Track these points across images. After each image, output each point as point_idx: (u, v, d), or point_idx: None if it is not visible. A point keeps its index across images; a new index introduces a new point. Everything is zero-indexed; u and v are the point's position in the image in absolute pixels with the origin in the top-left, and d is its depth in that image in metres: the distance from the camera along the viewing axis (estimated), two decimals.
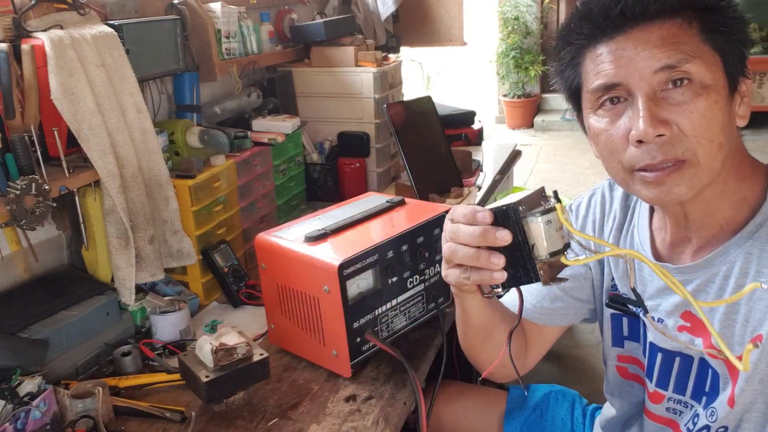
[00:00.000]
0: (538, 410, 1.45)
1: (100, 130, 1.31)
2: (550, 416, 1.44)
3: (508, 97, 6.98)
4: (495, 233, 0.83)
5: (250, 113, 2.02)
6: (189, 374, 1.17)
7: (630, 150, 0.88)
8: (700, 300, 0.95)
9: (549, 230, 0.82)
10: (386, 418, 1.14)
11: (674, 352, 1.05)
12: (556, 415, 1.44)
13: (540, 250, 0.83)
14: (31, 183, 1.19)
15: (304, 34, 2.28)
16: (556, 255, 0.83)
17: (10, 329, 1.22)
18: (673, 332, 1.02)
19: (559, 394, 1.47)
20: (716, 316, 0.95)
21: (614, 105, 0.90)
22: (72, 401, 1.12)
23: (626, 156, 0.89)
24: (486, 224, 0.84)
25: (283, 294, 1.29)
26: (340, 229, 1.30)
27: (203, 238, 1.60)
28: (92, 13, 1.40)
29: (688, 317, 1.01)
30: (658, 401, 1.11)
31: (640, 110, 0.85)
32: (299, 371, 1.30)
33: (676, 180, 0.87)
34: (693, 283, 0.97)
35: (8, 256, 1.29)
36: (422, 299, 1.35)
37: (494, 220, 0.84)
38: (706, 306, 0.93)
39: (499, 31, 6.91)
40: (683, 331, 1.02)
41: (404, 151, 1.97)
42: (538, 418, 1.44)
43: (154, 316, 1.40)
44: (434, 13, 3.12)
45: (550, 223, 0.82)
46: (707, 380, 1.02)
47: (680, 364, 1.05)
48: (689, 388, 1.06)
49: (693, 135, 0.85)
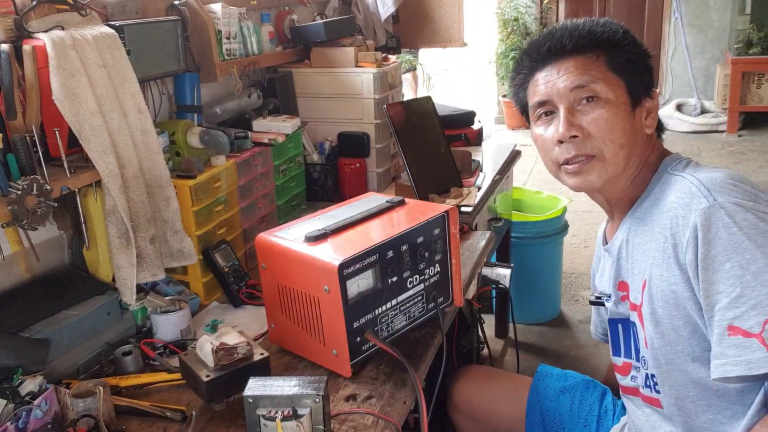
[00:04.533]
0: (566, 394, 1.50)
1: (101, 130, 1.31)
2: (577, 400, 1.49)
3: (508, 98, 6.97)
4: None
5: (251, 114, 2.02)
6: (190, 374, 1.18)
7: (555, 149, 1.19)
8: (621, 268, 1.23)
9: None
10: (386, 418, 1.14)
11: (616, 320, 1.28)
12: (584, 400, 1.49)
13: None
14: (33, 183, 1.19)
15: (305, 34, 2.28)
16: None
17: (12, 329, 1.23)
18: (619, 303, 1.26)
19: (591, 384, 1.53)
20: (628, 275, 1.21)
21: (547, 117, 1.21)
22: (73, 401, 1.12)
23: (553, 154, 1.20)
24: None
25: (284, 294, 1.30)
26: (340, 229, 1.30)
27: (204, 238, 1.61)
28: (93, 14, 1.40)
29: (622, 286, 1.24)
30: (619, 371, 1.31)
31: (560, 119, 1.16)
32: (299, 371, 1.30)
33: (588, 170, 1.16)
34: (614, 255, 1.25)
35: (9, 256, 1.29)
36: (422, 299, 1.35)
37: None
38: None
39: (499, 31, 6.92)
40: (624, 301, 1.24)
41: (404, 152, 1.97)
42: (563, 401, 1.49)
43: (155, 316, 1.40)
44: (434, 13, 3.12)
45: None
46: (636, 335, 1.21)
47: (623, 330, 1.27)
48: (632, 349, 1.23)
49: (598, 137, 1.14)
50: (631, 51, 1.17)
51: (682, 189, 1.08)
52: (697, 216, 1.01)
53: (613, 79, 1.15)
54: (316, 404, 1.02)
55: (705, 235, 0.99)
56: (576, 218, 4.29)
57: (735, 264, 0.97)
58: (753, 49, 6.11)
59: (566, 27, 1.19)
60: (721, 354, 0.97)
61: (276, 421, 1.00)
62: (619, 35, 1.17)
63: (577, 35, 1.17)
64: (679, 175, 1.12)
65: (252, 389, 1.04)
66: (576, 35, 1.17)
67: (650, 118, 1.19)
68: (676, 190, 1.10)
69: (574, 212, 4.32)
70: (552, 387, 1.52)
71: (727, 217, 0.99)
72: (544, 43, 1.19)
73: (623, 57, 1.16)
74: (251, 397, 1.03)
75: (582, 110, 1.15)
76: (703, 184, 1.05)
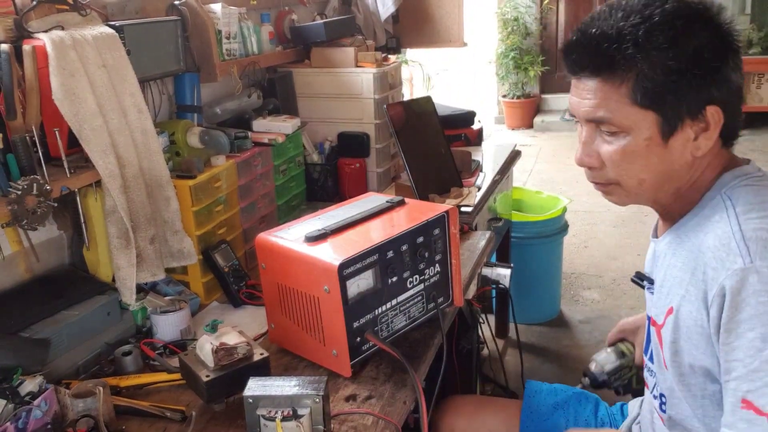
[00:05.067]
0: (559, 411, 1.47)
1: (101, 130, 1.31)
2: (572, 416, 1.47)
3: (508, 98, 6.98)
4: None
5: (251, 114, 2.02)
6: (190, 374, 1.18)
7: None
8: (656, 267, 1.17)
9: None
10: (386, 418, 1.14)
11: (648, 319, 1.21)
12: (579, 415, 1.47)
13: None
14: (33, 183, 1.19)
15: (305, 34, 2.28)
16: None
17: (12, 329, 1.23)
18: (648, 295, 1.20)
19: (582, 396, 1.50)
20: (655, 287, 1.15)
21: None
22: (73, 401, 1.12)
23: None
24: None
25: (284, 294, 1.30)
26: (340, 229, 1.30)
27: (204, 238, 1.61)
28: (93, 14, 1.40)
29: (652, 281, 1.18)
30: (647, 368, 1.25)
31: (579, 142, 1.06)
32: (299, 371, 1.30)
33: (610, 193, 1.09)
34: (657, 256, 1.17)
35: (9, 256, 1.29)
36: (422, 299, 1.35)
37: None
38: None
39: (499, 32, 6.91)
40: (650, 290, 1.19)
41: (404, 152, 1.97)
42: (557, 420, 1.46)
43: (155, 316, 1.40)
44: (434, 13, 3.12)
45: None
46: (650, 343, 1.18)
47: (648, 329, 1.21)
48: (652, 354, 1.19)
49: (613, 171, 1.04)
50: (660, 79, 0.95)
51: (721, 238, 0.96)
52: (729, 277, 0.92)
53: (638, 113, 0.98)
54: (316, 404, 1.02)
55: (733, 298, 0.92)
56: (576, 218, 4.30)
57: (758, 335, 0.90)
58: (753, 49, 6.11)
59: (591, 34, 0.98)
60: (732, 425, 0.93)
61: (276, 421, 1.00)
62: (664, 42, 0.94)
63: (598, 51, 0.98)
64: (729, 206, 0.99)
65: (252, 389, 1.04)
66: (598, 50, 0.98)
67: (703, 138, 0.99)
68: (716, 232, 0.98)
69: (574, 212, 4.32)
70: (544, 405, 1.49)
71: (760, 284, 0.90)
72: (571, 51, 1.02)
73: (660, 79, 0.95)
74: (251, 397, 1.03)
75: (602, 137, 1.03)
76: (744, 239, 0.93)
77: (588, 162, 1.06)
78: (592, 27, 0.98)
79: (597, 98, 1.00)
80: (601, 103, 0.99)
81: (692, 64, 0.95)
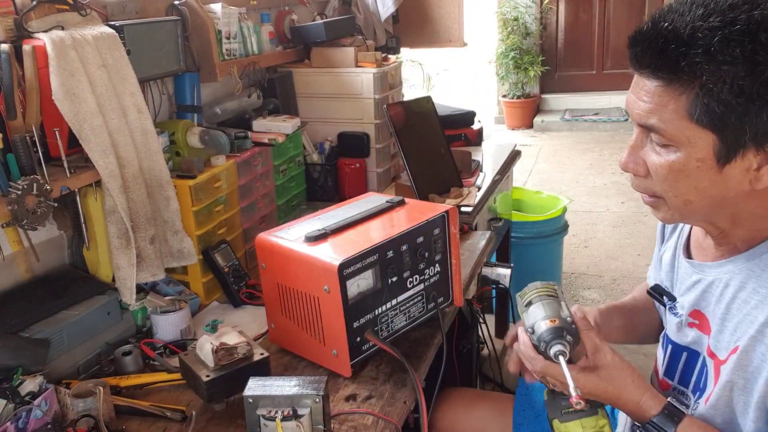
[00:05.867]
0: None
1: (101, 130, 1.31)
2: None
3: (508, 98, 6.98)
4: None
5: (251, 114, 2.02)
6: (190, 374, 1.18)
7: None
8: (705, 301, 1.04)
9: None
10: (386, 418, 1.15)
11: (683, 346, 1.11)
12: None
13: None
14: (33, 183, 1.19)
15: (305, 34, 2.28)
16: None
17: (12, 329, 1.23)
18: (685, 327, 1.09)
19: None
20: (715, 319, 1.01)
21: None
22: (73, 400, 1.12)
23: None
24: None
25: (284, 294, 1.30)
26: (340, 229, 1.30)
27: (204, 238, 1.61)
28: (93, 14, 1.40)
29: (697, 315, 1.07)
30: (664, 388, 1.16)
31: (627, 146, 0.96)
32: (299, 371, 1.30)
33: (655, 206, 0.99)
34: (701, 283, 1.04)
35: (10, 256, 1.29)
36: (422, 299, 1.35)
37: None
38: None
39: (499, 31, 6.92)
40: (693, 328, 1.08)
41: (404, 151, 1.97)
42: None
43: (155, 316, 1.40)
44: (434, 13, 3.12)
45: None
46: (702, 377, 1.06)
47: (686, 359, 1.10)
48: (692, 382, 1.10)
49: (659, 184, 0.94)
50: (752, 82, 0.81)
51: None
52: None
53: (694, 129, 0.87)
54: (316, 404, 1.02)
55: None
56: (576, 218, 4.30)
57: None
58: None
59: (661, 28, 0.86)
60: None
61: (276, 421, 1.00)
62: (740, 55, 0.81)
63: (664, 50, 0.85)
64: None
65: (252, 389, 1.04)
66: (664, 49, 0.85)
67: (767, 171, 0.87)
68: None
69: (574, 212, 4.33)
70: (536, 401, 1.47)
71: None
72: (636, 43, 0.90)
73: (726, 98, 0.83)
74: (251, 397, 1.03)
75: (652, 146, 0.93)
76: None
77: (632, 168, 0.96)
78: (665, 20, 0.86)
79: (653, 103, 0.89)
80: (656, 110, 0.89)
81: (767, 88, 0.81)
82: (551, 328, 1.03)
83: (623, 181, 4.96)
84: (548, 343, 1.02)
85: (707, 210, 0.95)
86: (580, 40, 7.16)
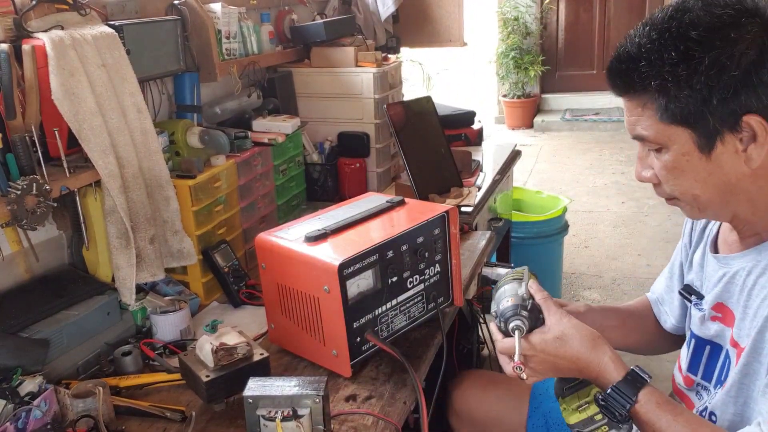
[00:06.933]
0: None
1: (100, 130, 1.31)
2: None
3: (508, 98, 6.98)
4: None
5: (251, 113, 2.02)
6: (189, 374, 1.18)
7: None
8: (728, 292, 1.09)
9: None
10: (386, 418, 1.14)
11: (706, 339, 1.15)
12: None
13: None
14: (32, 183, 1.19)
15: (305, 34, 2.28)
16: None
17: (11, 329, 1.22)
18: (708, 321, 1.14)
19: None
20: (738, 308, 1.06)
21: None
22: (73, 401, 1.12)
23: None
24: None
25: (284, 294, 1.30)
26: (340, 229, 1.30)
27: (203, 238, 1.61)
28: (93, 14, 1.40)
29: (720, 308, 1.12)
30: (688, 385, 1.20)
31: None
32: (299, 371, 1.30)
33: (679, 206, 1.06)
34: (726, 276, 1.09)
35: (9, 256, 1.29)
36: (422, 299, 1.35)
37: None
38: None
39: (499, 31, 6.91)
40: (716, 321, 1.12)
41: (404, 151, 1.97)
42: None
43: (155, 316, 1.40)
44: (434, 13, 3.12)
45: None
46: (725, 370, 1.10)
47: (710, 352, 1.15)
48: (714, 377, 1.13)
49: (667, 186, 1.03)
50: (690, 75, 0.91)
51: None
52: None
53: (669, 129, 0.96)
54: (316, 404, 1.02)
55: None
56: (576, 218, 4.29)
57: None
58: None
59: (619, 54, 0.99)
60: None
61: (276, 422, 1.00)
62: (676, 56, 0.91)
63: (620, 72, 0.99)
64: None
65: (252, 389, 1.04)
66: (620, 71, 0.99)
67: (754, 149, 0.93)
68: None
69: (575, 212, 4.32)
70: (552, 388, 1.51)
71: None
72: (607, 72, 1.03)
73: (676, 95, 0.93)
74: (251, 397, 1.03)
75: (650, 153, 1.03)
76: None
77: (646, 177, 1.05)
78: (622, 46, 0.99)
79: (634, 116, 1.00)
80: (637, 121, 1.00)
81: (709, 76, 0.90)
82: (507, 307, 1.09)
83: (623, 181, 4.96)
84: (507, 320, 1.08)
85: (720, 200, 1.00)
86: (580, 39, 7.16)
